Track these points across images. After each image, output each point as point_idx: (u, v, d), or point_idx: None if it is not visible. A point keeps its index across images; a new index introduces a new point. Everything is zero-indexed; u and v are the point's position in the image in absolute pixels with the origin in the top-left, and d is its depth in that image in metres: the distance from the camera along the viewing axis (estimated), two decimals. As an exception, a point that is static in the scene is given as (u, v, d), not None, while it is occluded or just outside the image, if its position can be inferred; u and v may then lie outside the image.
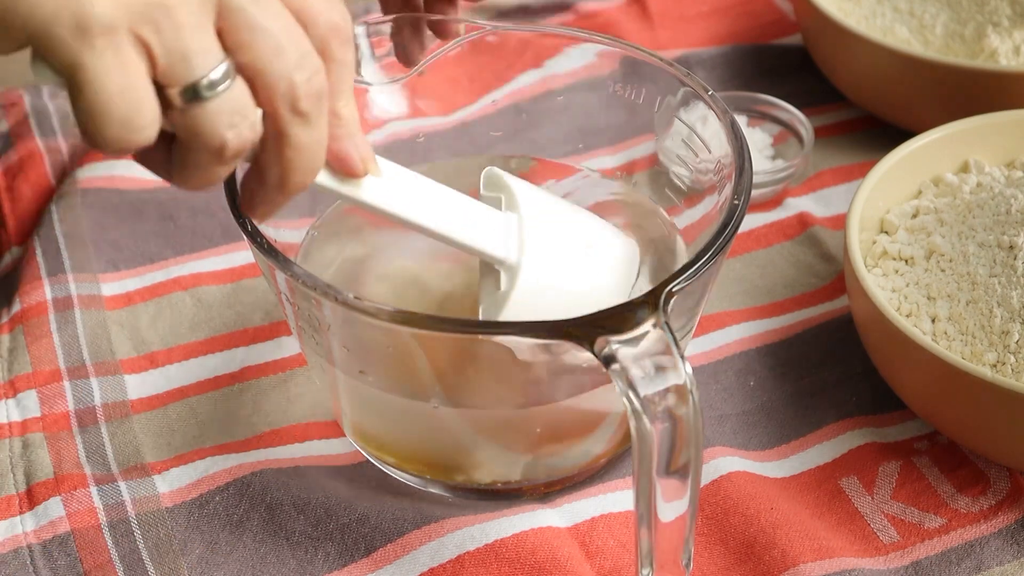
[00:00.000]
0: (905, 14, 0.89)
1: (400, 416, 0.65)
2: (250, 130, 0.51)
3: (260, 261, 0.61)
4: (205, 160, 0.51)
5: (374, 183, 0.58)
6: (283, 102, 0.51)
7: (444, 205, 0.61)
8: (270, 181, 0.54)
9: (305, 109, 0.52)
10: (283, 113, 0.52)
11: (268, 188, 0.54)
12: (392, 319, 0.57)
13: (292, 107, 0.52)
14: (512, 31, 0.73)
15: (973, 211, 0.72)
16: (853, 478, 0.69)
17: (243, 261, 0.80)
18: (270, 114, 0.52)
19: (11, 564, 0.64)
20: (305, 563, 0.65)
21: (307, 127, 0.52)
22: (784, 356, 0.75)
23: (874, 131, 0.90)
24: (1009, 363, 0.66)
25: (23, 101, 0.91)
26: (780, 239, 0.82)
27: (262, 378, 0.74)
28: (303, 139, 0.53)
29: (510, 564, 0.63)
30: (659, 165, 0.73)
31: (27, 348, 0.74)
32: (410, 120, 0.74)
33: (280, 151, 0.53)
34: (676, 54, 0.95)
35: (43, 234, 0.81)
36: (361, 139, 0.57)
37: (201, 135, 0.50)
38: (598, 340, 0.55)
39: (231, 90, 0.50)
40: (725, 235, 0.60)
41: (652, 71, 0.70)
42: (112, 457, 0.70)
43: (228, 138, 0.50)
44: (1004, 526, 0.66)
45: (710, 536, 0.66)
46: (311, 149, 0.53)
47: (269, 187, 0.54)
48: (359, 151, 0.57)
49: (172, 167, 0.53)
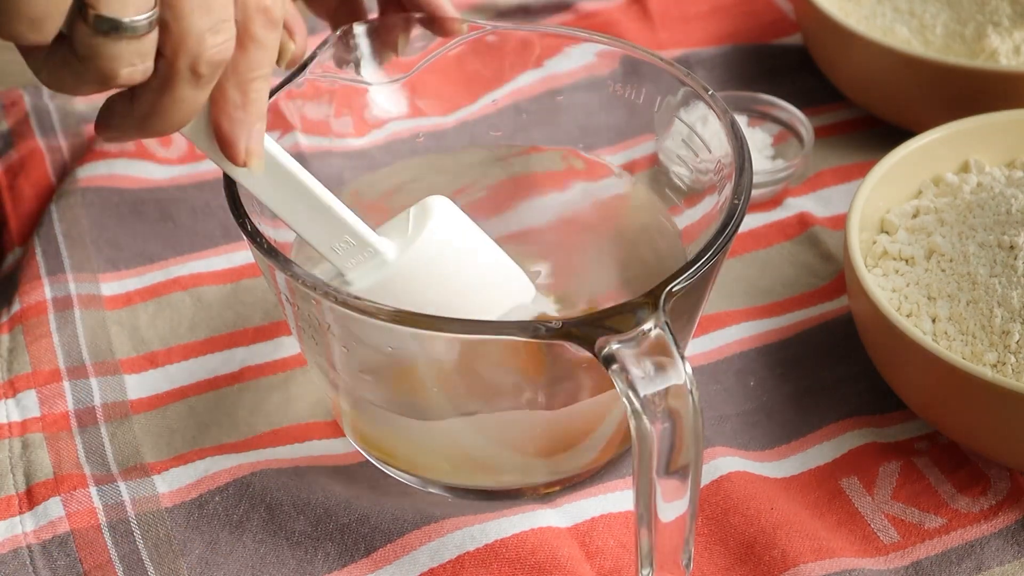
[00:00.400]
0: (905, 14, 0.89)
1: (400, 416, 0.65)
2: (142, 74, 0.51)
3: (260, 261, 0.61)
4: (88, 78, 0.51)
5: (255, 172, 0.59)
6: (185, 57, 0.52)
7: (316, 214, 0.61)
8: (134, 113, 0.54)
9: (202, 72, 0.52)
10: (180, 67, 0.52)
11: (128, 119, 0.54)
12: (392, 319, 0.57)
13: (192, 65, 0.52)
14: (512, 31, 0.73)
15: (973, 211, 0.72)
16: (853, 478, 0.69)
17: (243, 261, 0.80)
18: (168, 62, 0.52)
19: (11, 564, 0.64)
20: (305, 563, 0.65)
21: (195, 88, 0.53)
22: (784, 356, 0.75)
23: (874, 131, 0.90)
24: (1009, 363, 0.66)
25: (23, 100, 0.91)
26: (780, 239, 0.82)
27: (262, 378, 0.74)
28: (185, 96, 0.53)
29: (510, 564, 0.63)
30: (659, 165, 0.73)
31: (27, 348, 0.74)
32: (410, 120, 0.74)
33: (159, 97, 0.53)
34: (676, 54, 0.95)
35: (43, 233, 0.80)
36: (257, 130, 0.57)
37: (97, 63, 0.50)
38: (598, 340, 0.55)
39: (145, 38, 0.50)
40: (725, 235, 0.60)
41: (652, 71, 0.70)
42: (112, 457, 0.70)
43: (121, 74, 0.51)
44: (1004, 526, 0.66)
45: (710, 536, 0.66)
46: (186, 108, 0.53)
47: (130, 118, 0.54)
48: (248, 141, 0.57)
49: (47, 63, 0.52)
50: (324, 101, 0.70)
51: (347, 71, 0.71)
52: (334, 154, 0.72)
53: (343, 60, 0.70)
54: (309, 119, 0.70)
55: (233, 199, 0.62)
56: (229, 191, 0.62)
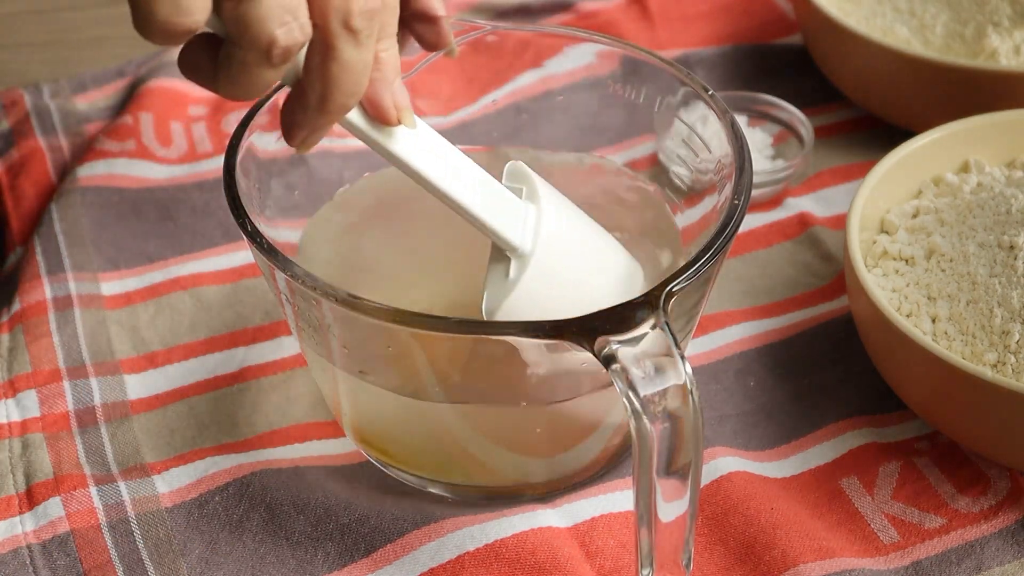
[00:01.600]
0: (905, 14, 0.89)
1: (400, 416, 0.65)
2: (300, 31, 0.51)
3: (260, 261, 0.61)
4: (252, 60, 0.51)
5: (405, 135, 0.58)
6: (336, 14, 0.51)
7: (470, 177, 0.61)
8: (311, 101, 0.54)
9: (357, 26, 0.52)
10: (334, 26, 0.51)
11: (309, 109, 0.54)
12: (392, 319, 0.57)
13: (344, 21, 0.51)
14: (512, 31, 0.73)
15: (973, 211, 0.72)
16: (853, 478, 0.69)
17: (243, 261, 0.80)
18: (321, 25, 0.51)
19: (11, 564, 0.64)
20: (305, 563, 0.65)
21: (355, 45, 0.52)
22: (784, 356, 0.75)
23: (874, 131, 0.90)
24: (1009, 363, 0.66)
25: (24, 100, 0.91)
26: (780, 239, 0.82)
27: (262, 378, 0.74)
28: (350, 56, 0.52)
29: (510, 564, 0.63)
30: (659, 165, 0.73)
31: (27, 348, 0.74)
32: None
33: (326, 66, 0.52)
34: (676, 54, 0.95)
35: (43, 233, 0.80)
36: (399, 87, 0.57)
37: (251, 29, 0.50)
38: (598, 340, 0.55)
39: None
40: (725, 235, 0.60)
41: (652, 71, 0.70)
42: (112, 457, 0.70)
43: (278, 35, 0.50)
44: (1004, 526, 0.66)
45: (710, 536, 0.66)
46: (356, 69, 0.53)
47: (310, 108, 0.54)
48: (395, 98, 0.57)
49: (218, 72, 0.52)
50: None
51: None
52: (334, 154, 0.72)
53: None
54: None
55: (233, 199, 0.62)
56: (229, 191, 0.62)
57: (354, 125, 0.57)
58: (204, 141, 0.88)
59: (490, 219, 0.60)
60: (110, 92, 0.92)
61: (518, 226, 0.61)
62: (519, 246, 0.61)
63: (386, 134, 0.58)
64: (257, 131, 0.66)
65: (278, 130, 0.67)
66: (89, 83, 0.93)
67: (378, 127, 0.57)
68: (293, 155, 0.69)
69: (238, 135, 0.65)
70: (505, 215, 0.61)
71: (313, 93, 0.53)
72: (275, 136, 0.67)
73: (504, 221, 0.61)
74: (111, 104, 0.91)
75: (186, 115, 0.89)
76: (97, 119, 0.90)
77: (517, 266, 0.61)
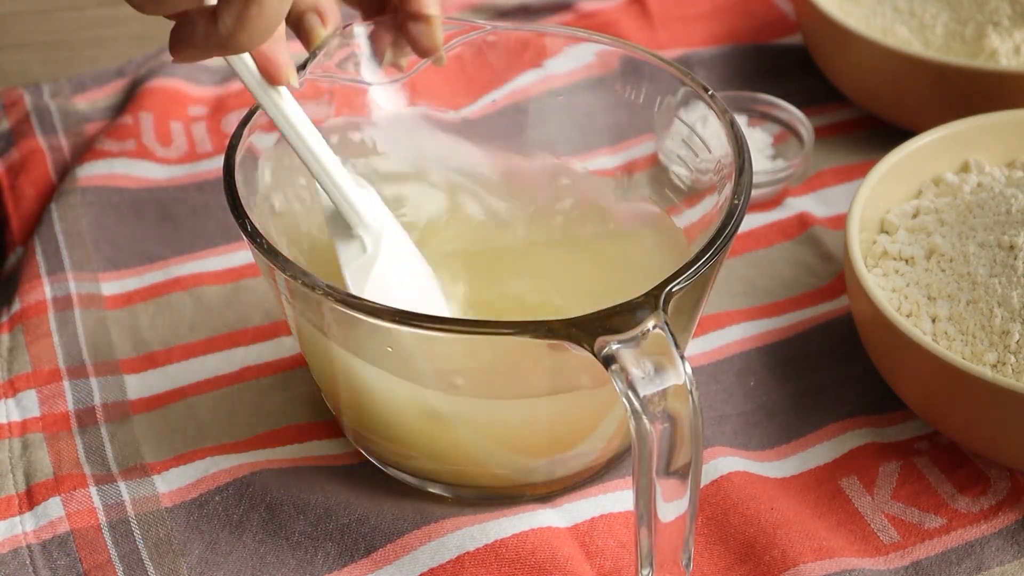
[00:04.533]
0: (905, 14, 0.89)
1: (400, 416, 0.65)
2: None
3: (260, 261, 0.61)
4: None
5: (286, 95, 0.61)
6: None
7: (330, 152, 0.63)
8: (220, 31, 0.55)
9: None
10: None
11: (212, 36, 0.55)
12: (392, 319, 0.57)
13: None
14: (512, 31, 0.73)
15: (973, 211, 0.72)
16: (853, 478, 0.69)
17: (243, 261, 0.80)
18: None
19: (10, 564, 0.64)
20: (305, 563, 0.65)
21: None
22: (784, 356, 0.75)
23: (874, 131, 0.90)
24: (1009, 363, 0.66)
25: (24, 100, 0.91)
26: (780, 239, 0.82)
27: (262, 378, 0.74)
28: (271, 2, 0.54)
29: (510, 564, 0.63)
30: (659, 165, 0.73)
31: (27, 347, 0.74)
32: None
33: (246, 7, 0.54)
34: (676, 54, 0.95)
35: (43, 233, 0.81)
36: (286, 47, 0.59)
37: None
38: (598, 340, 0.55)
39: None
40: (725, 235, 0.60)
41: (652, 71, 0.70)
42: (112, 457, 0.70)
43: None
44: (1004, 526, 0.66)
45: (710, 536, 0.66)
46: (271, 16, 0.54)
47: (213, 35, 0.55)
48: (285, 57, 0.59)
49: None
50: (324, 101, 0.70)
51: (347, 71, 0.71)
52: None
53: (343, 60, 0.70)
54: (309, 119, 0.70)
55: (233, 199, 0.62)
56: (229, 191, 0.62)
57: (248, 69, 0.59)
58: (204, 141, 0.88)
59: (348, 190, 0.63)
60: (110, 92, 0.92)
61: (366, 204, 0.64)
62: (370, 222, 0.64)
63: (272, 89, 0.60)
64: (257, 131, 0.66)
65: (278, 130, 0.67)
66: (89, 83, 0.93)
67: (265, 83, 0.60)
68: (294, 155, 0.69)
69: (238, 135, 0.65)
70: (355, 191, 0.64)
71: (224, 26, 0.54)
72: (275, 136, 0.67)
73: (357, 195, 0.64)
74: (111, 104, 0.91)
75: (186, 115, 0.89)
76: (97, 119, 0.90)
77: (371, 241, 0.64)
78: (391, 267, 0.64)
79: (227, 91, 0.91)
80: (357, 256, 0.64)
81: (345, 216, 0.64)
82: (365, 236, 0.64)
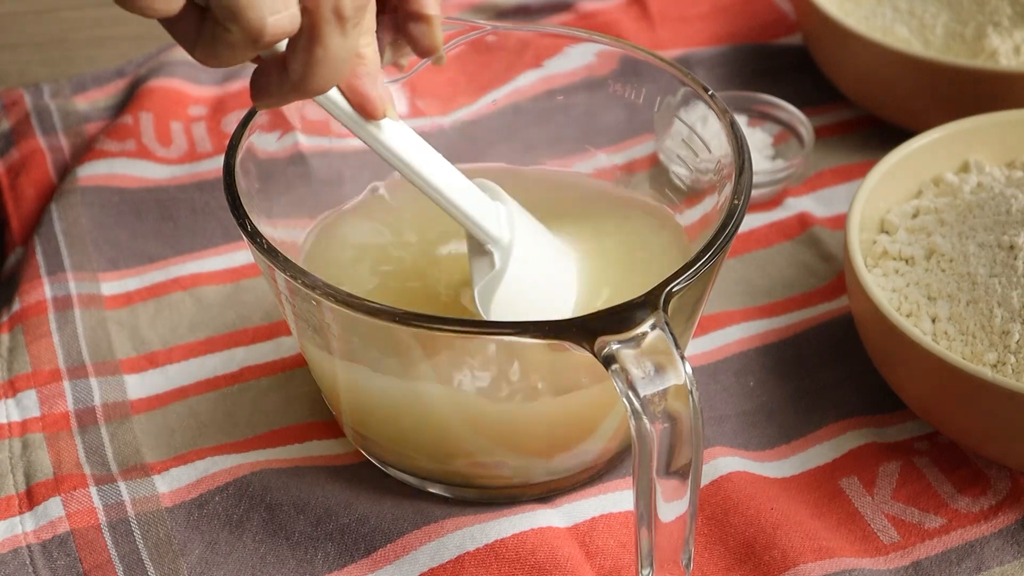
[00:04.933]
0: (905, 14, 0.89)
1: (400, 416, 0.65)
2: (290, 21, 0.51)
3: (260, 261, 0.61)
4: (238, 41, 0.51)
5: (389, 127, 0.60)
6: (327, 2, 0.52)
7: (447, 171, 0.62)
8: (291, 77, 0.54)
9: (346, 14, 0.52)
10: (324, 12, 0.52)
11: (285, 83, 0.54)
12: (392, 319, 0.57)
13: (335, 8, 0.52)
14: (512, 31, 0.73)
15: (973, 211, 0.72)
16: (853, 478, 0.69)
17: (243, 261, 0.80)
18: (311, 10, 0.52)
19: (11, 564, 0.64)
20: (305, 563, 0.65)
21: (342, 34, 0.53)
22: (784, 356, 0.75)
23: (874, 131, 0.90)
24: (1009, 363, 0.66)
25: (24, 100, 0.91)
26: (780, 239, 0.82)
27: (262, 378, 0.74)
28: (335, 43, 0.53)
29: (510, 564, 0.63)
30: (659, 165, 0.73)
31: (27, 347, 0.74)
32: (410, 120, 0.74)
33: (310, 49, 0.53)
34: (676, 54, 0.95)
35: (43, 233, 0.80)
36: (382, 81, 0.58)
37: (242, 16, 0.50)
38: (598, 340, 0.55)
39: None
40: (725, 235, 0.60)
41: (652, 71, 0.70)
42: (112, 457, 0.70)
43: (268, 23, 0.50)
44: (1004, 526, 0.66)
45: (710, 536, 0.66)
46: (339, 56, 0.54)
47: (286, 84, 0.54)
48: (378, 91, 0.58)
49: (199, 40, 0.52)
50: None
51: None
52: (333, 154, 0.72)
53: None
54: (309, 119, 0.70)
55: (233, 199, 0.62)
56: (229, 191, 0.62)
57: (338, 107, 0.59)
58: (204, 141, 0.88)
59: (470, 208, 0.62)
60: (110, 92, 0.92)
61: (493, 218, 0.63)
62: (499, 236, 0.63)
63: (372, 125, 0.60)
64: (257, 131, 0.66)
65: (278, 130, 0.67)
66: (89, 83, 0.93)
67: (363, 119, 0.59)
68: (293, 155, 0.69)
69: (238, 135, 0.65)
70: (481, 208, 0.63)
71: (293, 72, 0.54)
72: (275, 136, 0.67)
73: (482, 212, 0.63)
74: (111, 104, 0.91)
75: (186, 115, 0.89)
76: (97, 119, 0.90)
77: (500, 256, 0.63)
78: (518, 280, 0.63)
79: (227, 91, 0.91)
80: (486, 273, 0.63)
81: (473, 235, 0.63)
82: (495, 251, 0.63)
